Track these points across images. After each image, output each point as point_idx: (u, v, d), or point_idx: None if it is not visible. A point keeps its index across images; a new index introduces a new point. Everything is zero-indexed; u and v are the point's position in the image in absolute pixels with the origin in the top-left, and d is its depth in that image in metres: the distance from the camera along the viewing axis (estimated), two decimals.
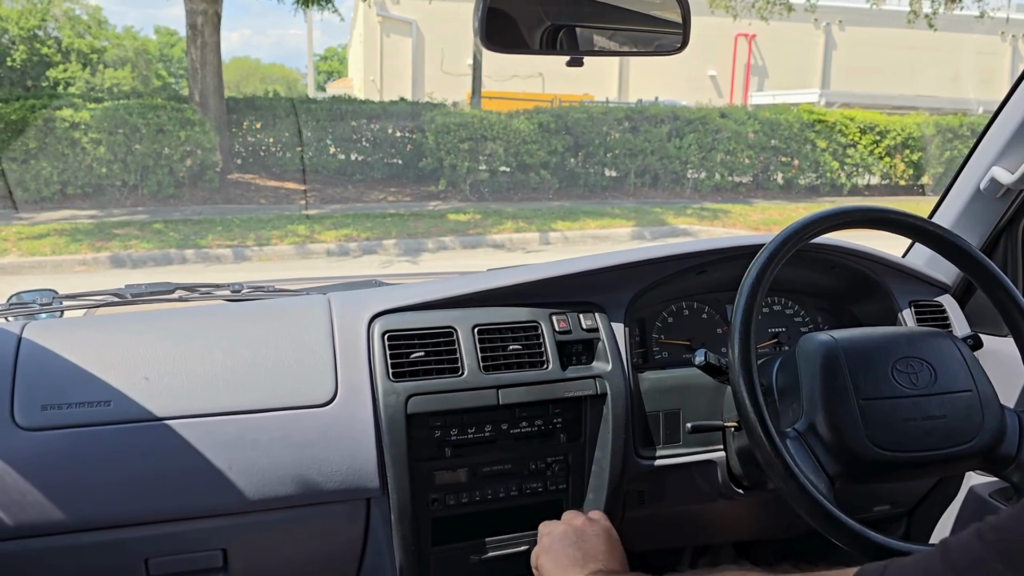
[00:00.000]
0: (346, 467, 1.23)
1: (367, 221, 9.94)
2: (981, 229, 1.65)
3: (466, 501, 1.34)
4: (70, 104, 10.40)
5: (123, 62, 38.24)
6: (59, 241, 8.56)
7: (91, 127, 10.18)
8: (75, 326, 1.32)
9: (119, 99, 11.40)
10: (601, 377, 1.37)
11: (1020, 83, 1.51)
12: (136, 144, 10.35)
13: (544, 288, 1.42)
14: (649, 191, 12.84)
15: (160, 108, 10.62)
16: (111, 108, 10.47)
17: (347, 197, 11.76)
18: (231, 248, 8.60)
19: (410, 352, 1.30)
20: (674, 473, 1.43)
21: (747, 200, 12.85)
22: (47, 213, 9.91)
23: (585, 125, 12.34)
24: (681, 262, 1.48)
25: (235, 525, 1.22)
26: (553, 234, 9.78)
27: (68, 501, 1.12)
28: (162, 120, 10.41)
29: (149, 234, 8.98)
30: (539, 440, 1.37)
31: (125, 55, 38.90)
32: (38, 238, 8.65)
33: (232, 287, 1.64)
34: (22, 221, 9.50)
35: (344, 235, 9.18)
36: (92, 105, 10.48)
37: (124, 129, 10.31)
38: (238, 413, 1.20)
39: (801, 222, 1.14)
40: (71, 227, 9.17)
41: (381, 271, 7.47)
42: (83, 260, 8.10)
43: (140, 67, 38.95)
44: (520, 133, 11.87)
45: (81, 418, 1.14)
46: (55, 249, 8.31)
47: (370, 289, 1.51)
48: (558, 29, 1.17)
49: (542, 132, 12.05)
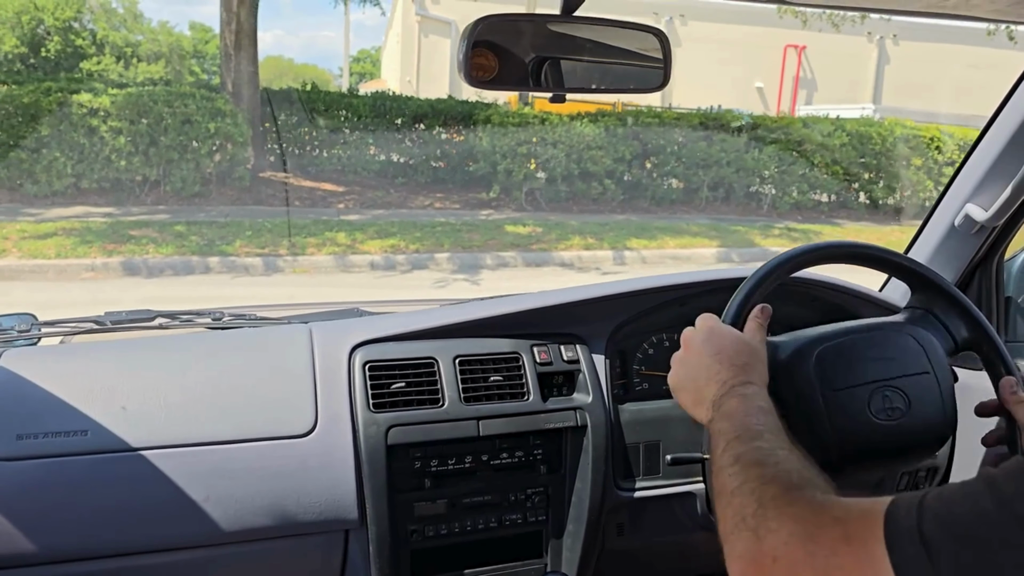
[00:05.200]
0: (325, 498, 1.22)
1: (415, 230, 8.76)
2: (956, 264, 1.67)
3: (445, 532, 1.33)
4: (89, 88, 9.31)
5: (157, 57, 37.92)
6: (66, 242, 7.47)
7: (111, 114, 9.09)
8: (53, 354, 1.33)
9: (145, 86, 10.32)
10: (581, 409, 1.37)
11: (992, 122, 1.55)
12: (160, 135, 9.24)
13: (525, 319, 1.42)
14: (721, 206, 11.56)
15: (188, 96, 9.52)
16: (134, 94, 9.37)
17: (389, 202, 10.60)
18: (261, 257, 7.46)
19: (391, 383, 1.30)
20: (654, 505, 1.43)
21: (831, 220, 11.54)
22: (57, 209, 8.84)
23: (656, 131, 11.10)
24: (663, 294, 1.48)
25: (211, 557, 1.20)
26: (628, 253, 8.56)
27: (42, 532, 1.11)
28: (190, 109, 9.30)
29: (169, 237, 7.86)
30: (519, 471, 1.37)
31: (159, 50, 38.58)
32: (43, 238, 7.57)
33: (213, 315, 1.61)
34: (29, 217, 8.42)
35: (390, 246, 8.00)
36: (114, 91, 9.39)
37: (148, 118, 9.21)
38: (216, 443, 1.18)
39: (783, 256, 1.13)
40: (82, 226, 8.08)
41: (437, 292, 6.31)
42: (91, 265, 6.99)
43: (174, 62, 38.59)
44: (584, 137, 10.65)
45: (57, 448, 1.13)
46: (61, 251, 7.22)
47: (352, 319, 1.50)
48: (541, 65, 1.17)
49: (608, 137, 10.83)
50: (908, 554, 0.57)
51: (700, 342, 0.99)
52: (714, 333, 0.99)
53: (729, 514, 0.73)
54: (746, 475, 0.74)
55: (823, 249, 1.17)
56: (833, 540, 0.62)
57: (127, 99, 9.24)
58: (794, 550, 0.64)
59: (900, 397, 1.04)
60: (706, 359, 0.96)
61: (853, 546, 0.60)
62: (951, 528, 0.57)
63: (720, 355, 0.95)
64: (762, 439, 0.79)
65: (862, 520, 0.61)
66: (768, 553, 0.66)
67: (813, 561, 0.62)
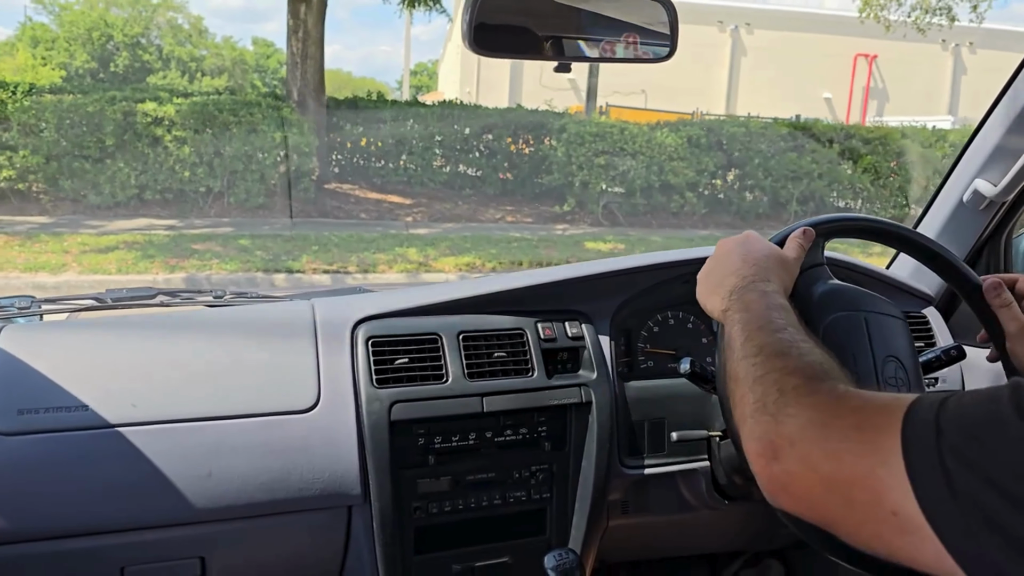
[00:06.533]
0: (328, 474, 1.21)
1: (489, 246, 8.21)
2: (965, 240, 1.66)
3: (449, 509, 1.32)
4: (154, 97, 9.02)
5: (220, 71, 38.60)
6: (128, 256, 7.11)
7: (176, 123, 8.78)
8: (54, 330, 1.31)
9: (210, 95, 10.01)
10: (586, 385, 1.36)
11: (1002, 97, 1.53)
12: (225, 145, 8.89)
13: (530, 295, 1.40)
14: None
15: (254, 105, 9.19)
16: (199, 103, 9.05)
17: (458, 215, 10.09)
18: (329, 274, 6.98)
19: (394, 358, 1.28)
20: (658, 483, 1.42)
21: None
22: (120, 221, 8.54)
23: (742, 141, 10.37)
24: (667, 271, 1.47)
25: (213, 533, 1.19)
26: None
27: (44, 507, 1.10)
28: (256, 118, 8.96)
29: (233, 251, 7.45)
30: (523, 448, 1.35)
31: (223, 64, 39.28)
32: (105, 251, 7.24)
33: (214, 292, 1.61)
34: (91, 229, 8.12)
35: (466, 263, 7.46)
36: (179, 100, 9.09)
37: (212, 128, 8.87)
38: (218, 419, 1.17)
39: (785, 232, 1.09)
40: (144, 239, 7.74)
41: None
42: (153, 282, 6.58)
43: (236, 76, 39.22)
44: (665, 148, 9.98)
45: (59, 423, 1.12)
46: (122, 266, 6.85)
47: (354, 295, 1.47)
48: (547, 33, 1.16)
49: (691, 148, 10.14)
50: (918, 442, 0.57)
51: (733, 244, 0.99)
52: (750, 239, 1.00)
53: (750, 399, 0.74)
54: (770, 365, 0.75)
55: (830, 223, 1.13)
56: (847, 427, 0.63)
57: (192, 108, 8.93)
58: (809, 434, 0.65)
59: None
60: (733, 256, 0.96)
61: (866, 434, 0.61)
62: (964, 424, 0.56)
63: (747, 256, 0.95)
64: (785, 332, 0.79)
65: (881, 411, 0.62)
66: (785, 436, 0.67)
67: (825, 445, 0.64)
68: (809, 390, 0.69)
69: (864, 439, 0.60)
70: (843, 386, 0.68)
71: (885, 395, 0.64)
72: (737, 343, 0.82)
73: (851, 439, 0.61)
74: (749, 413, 0.72)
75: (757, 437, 0.70)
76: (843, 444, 0.62)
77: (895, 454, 0.57)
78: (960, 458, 0.54)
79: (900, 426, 0.58)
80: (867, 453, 0.60)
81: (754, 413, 0.72)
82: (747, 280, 0.90)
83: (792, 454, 0.65)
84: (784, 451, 0.66)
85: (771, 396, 0.71)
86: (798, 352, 0.75)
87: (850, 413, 0.63)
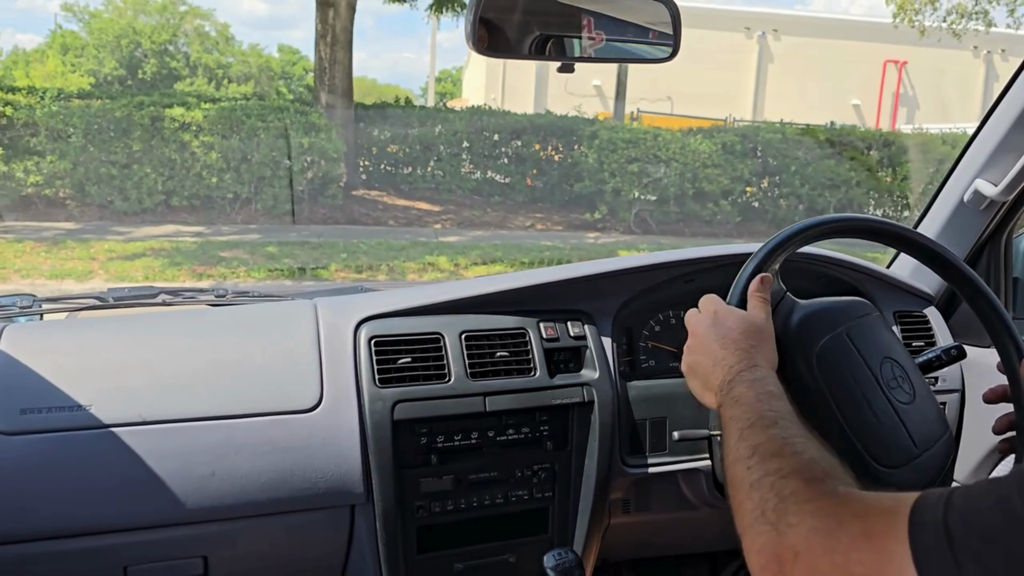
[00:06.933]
0: (331, 473, 1.20)
1: (520, 254, 8.03)
2: (965, 240, 1.66)
3: (451, 509, 1.32)
4: (181, 102, 8.94)
5: (247, 78, 38.84)
6: (155, 264, 7.00)
7: (203, 129, 8.68)
8: (56, 329, 1.31)
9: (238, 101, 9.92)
10: (588, 385, 1.36)
11: (1003, 97, 1.54)
12: (253, 151, 8.78)
13: (532, 295, 1.40)
14: None
15: (282, 110, 9.07)
16: (227, 108, 8.96)
17: (487, 222, 9.91)
18: (359, 283, 6.81)
19: (397, 358, 1.28)
20: (660, 481, 1.42)
21: None
22: (147, 227, 8.44)
23: (778, 147, 10.11)
24: (669, 270, 1.47)
25: (216, 532, 1.19)
26: None
27: (46, 507, 1.10)
28: (284, 123, 8.83)
29: (260, 259, 7.33)
30: (526, 448, 1.35)
31: (249, 71, 39.53)
32: (131, 258, 7.13)
33: (216, 291, 1.61)
34: (118, 236, 8.03)
35: (497, 272, 7.26)
36: (206, 105, 9.01)
37: (240, 133, 8.76)
38: (221, 418, 1.17)
39: (789, 231, 1.10)
40: (171, 246, 7.63)
41: None
42: None
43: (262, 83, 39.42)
44: (699, 155, 9.75)
45: (61, 422, 1.12)
46: (149, 274, 6.74)
47: (357, 295, 1.48)
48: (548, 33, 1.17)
49: (726, 154, 9.90)
50: (931, 549, 0.56)
51: (705, 327, 0.96)
52: (719, 316, 0.97)
53: (748, 507, 0.71)
54: (765, 468, 0.72)
55: (831, 223, 1.11)
56: (853, 536, 0.60)
57: (220, 113, 8.84)
58: (814, 545, 0.63)
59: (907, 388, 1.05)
60: (712, 344, 0.94)
61: (874, 542, 0.59)
62: (977, 527, 0.55)
63: (725, 339, 0.93)
64: (777, 426, 0.78)
65: (885, 516, 0.60)
66: (789, 548, 0.65)
67: (833, 557, 0.61)
68: (808, 495, 0.66)
69: (873, 547, 0.58)
70: (843, 487, 0.67)
71: (886, 497, 0.62)
72: (731, 443, 0.80)
73: (859, 548, 0.59)
74: (748, 523, 0.70)
75: (758, 550, 0.67)
76: (852, 555, 0.59)
77: (907, 562, 0.55)
78: (980, 563, 0.53)
79: (907, 530, 0.57)
80: (877, 563, 0.58)
81: (754, 523, 0.69)
82: (733, 371, 0.89)
83: (798, 567, 0.63)
84: (789, 564, 0.64)
85: (770, 503, 0.68)
86: (792, 451, 0.73)
87: (853, 519, 0.61)
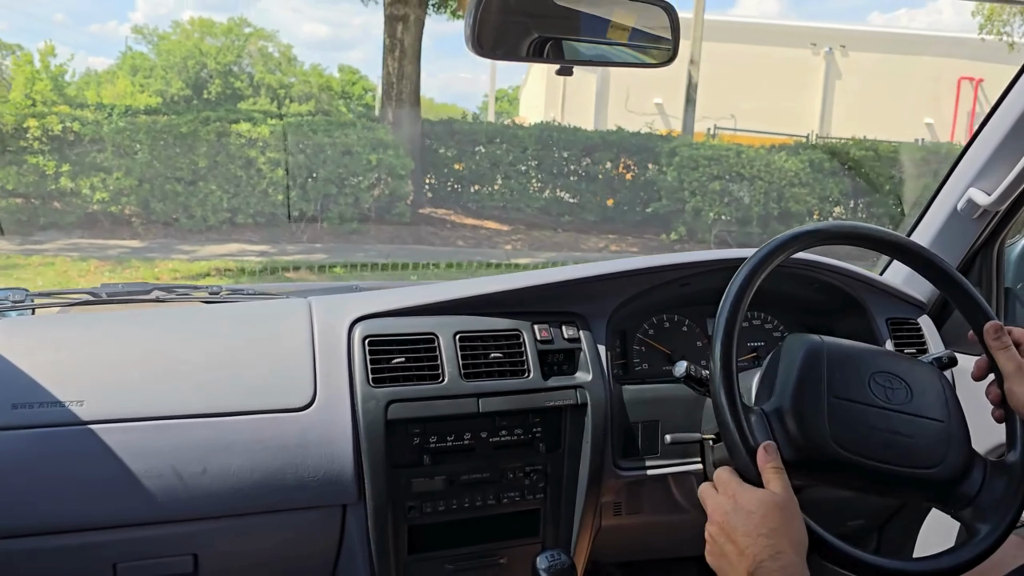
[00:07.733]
0: (323, 473, 1.20)
1: None
2: (958, 249, 1.67)
3: (443, 509, 1.32)
4: (248, 118, 8.74)
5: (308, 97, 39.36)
6: (220, 284, 6.71)
7: (269, 145, 8.45)
8: (49, 324, 1.32)
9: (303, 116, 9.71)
10: (582, 387, 1.36)
11: (997, 107, 1.54)
12: (319, 168, 8.51)
13: (526, 297, 1.41)
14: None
15: (349, 126, 8.79)
16: (294, 124, 8.73)
17: (558, 243, 9.46)
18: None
19: (391, 358, 1.28)
20: (652, 484, 1.43)
21: None
22: (212, 246, 8.22)
23: (870, 165, 9.45)
24: (664, 274, 1.47)
25: (207, 530, 1.18)
26: None
27: (36, 502, 1.09)
28: (351, 140, 8.55)
29: (327, 280, 6.99)
30: (518, 449, 1.35)
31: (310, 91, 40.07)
32: (196, 278, 6.87)
33: (210, 289, 1.60)
34: (182, 255, 7.82)
35: None
36: (273, 121, 8.79)
37: (307, 149, 8.51)
38: (213, 416, 1.17)
39: (783, 237, 1.11)
40: (236, 266, 7.36)
41: None
42: None
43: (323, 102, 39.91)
44: (786, 173, 9.15)
45: (52, 418, 1.11)
46: None
47: (351, 294, 1.47)
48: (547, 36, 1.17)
49: (814, 172, 9.28)
50: None
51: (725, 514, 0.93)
52: (739, 502, 0.93)
53: None
54: None
55: (825, 231, 1.13)
56: None
57: (286, 129, 8.60)
58: None
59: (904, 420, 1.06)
60: (735, 533, 0.91)
61: None
62: None
63: (748, 525, 0.90)
64: None
65: None
66: None
67: None
68: None
69: None
70: None
71: None
72: None
73: None
74: None
75: None
76: None
77: None
78: None
79: None
80: None
81: None
82: (757, 560, 0.86)
83: None
84: None
85: None
86: None
87: None
